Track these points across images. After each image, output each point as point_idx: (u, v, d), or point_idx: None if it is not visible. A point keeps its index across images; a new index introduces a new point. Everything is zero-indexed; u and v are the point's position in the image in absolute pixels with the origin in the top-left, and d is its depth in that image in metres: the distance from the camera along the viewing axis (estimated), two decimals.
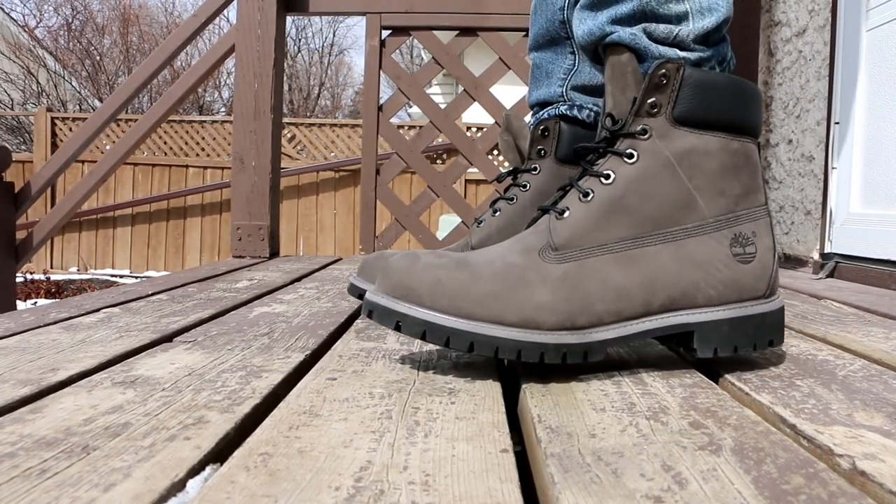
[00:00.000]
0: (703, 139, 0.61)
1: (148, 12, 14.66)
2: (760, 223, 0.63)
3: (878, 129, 1.52)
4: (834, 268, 1.58)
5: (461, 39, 2.08)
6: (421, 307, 0.57)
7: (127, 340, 0.73)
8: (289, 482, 0.37)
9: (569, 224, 0.60)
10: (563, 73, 0.94)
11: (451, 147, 5.03)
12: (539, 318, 0.57)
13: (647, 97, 0.60)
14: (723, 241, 0.61)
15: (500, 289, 0.57)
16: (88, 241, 6.42)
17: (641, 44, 0.63)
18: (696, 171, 0.61)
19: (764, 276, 0.63)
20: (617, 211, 0.60)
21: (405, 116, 10.31)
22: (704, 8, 0.63)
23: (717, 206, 0.61)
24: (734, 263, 0.61)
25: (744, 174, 0.62)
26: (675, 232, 0.60)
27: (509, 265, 0.59)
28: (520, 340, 0.56)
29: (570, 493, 0.36)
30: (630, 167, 0.60)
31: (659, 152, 0.60)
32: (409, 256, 0.61)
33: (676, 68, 0.59)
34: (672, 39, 0.62)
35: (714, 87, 0.61)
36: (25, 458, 0.40)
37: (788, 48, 1.93)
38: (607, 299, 0.58)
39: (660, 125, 0.60)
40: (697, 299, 0.61)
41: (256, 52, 1.88)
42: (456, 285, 0.57)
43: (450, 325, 0.56)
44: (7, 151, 2.01)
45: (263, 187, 1.88)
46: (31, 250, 2.03)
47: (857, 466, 0.40)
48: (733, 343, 0.61)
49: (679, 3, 0.63)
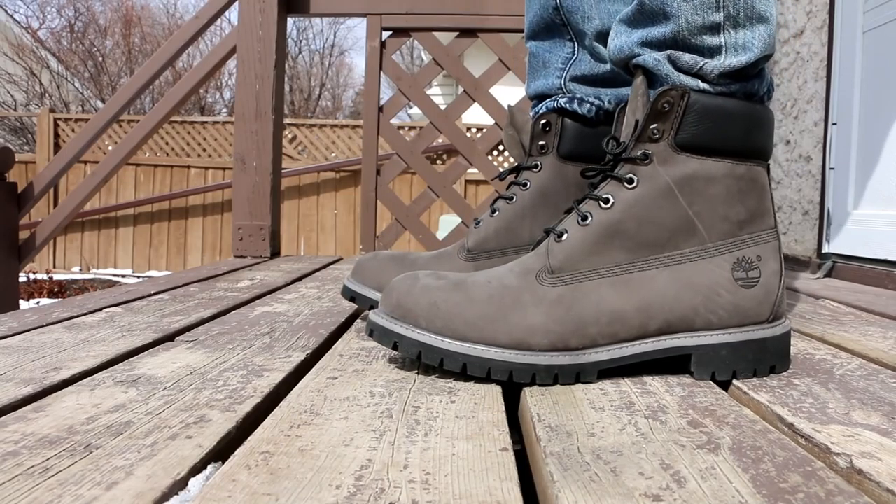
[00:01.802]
0: (705, 165, 0.60)
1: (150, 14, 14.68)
2: (767, 247, 0.62)
3: (876, 129, 1.53)
4: (831, 267, 1.59)
5: (461, 40, 2.08)
6: (417, 328, 0.58)
7: (129, 340, 0.73)
8: (290, 480, 0.37)
9: (565, 247, 0.60)
10: (562, 62, 0.91)
11: (451, 147, 5.03)
12: (531, 339, 0.57)
13: (649, 122, 0.60)
14: (724, 266, 0.60)
15: (493, 311, 0.58)
16: (91, 241, 6.43)
17: (664, 71, 0.61)
18: (698, 197, 0.60)
19: (768, 300, 0.61)
20: (614, 236, 0.60)
21: (406, 117, 10.32)
22: (740, 45, 0.60)
23: (718, 231, 0.60)
24: (736, 288, 0.60)
25: (750, 198, 0.61)
26: (674, 256, 0.60)
27: (505, 287, 0.59)
28: (511, 362, 0.57)
29: (570, 491, 0.36)
30: (629, 192, 0.60)
31: (659, 178, 0.60)
32: (410, 278, 0.62)
33: (681, 95, 0.59)
34: (696, 71, 0.61)
35: (721, 114, 0.60)
36: (28, 457, 0.40)
37: (786, 49, 1.93)
38: (601, 322, 0.58)
39: (661, 150, 0.60)
40: (696, 324, 0.60)
41: (258, 54, 1.88)
42: (450, 308, 0.58)
43: (443, 347, 0.57)
44: (10, 152, 2.02)
45: (265, 188, 1.88)
46: (34, 250, 2.03)
47: (854, 465, 0.40)
48: (732, 368, 0.60)
49: (715, 36, 0.60)
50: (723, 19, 0.60)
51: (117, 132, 6.53)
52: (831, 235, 1.64)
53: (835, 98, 1.66)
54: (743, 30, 0.60)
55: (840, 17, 1.65)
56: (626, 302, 0.59)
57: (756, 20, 0.60)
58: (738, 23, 0.60)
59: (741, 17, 0.60)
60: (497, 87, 2.07)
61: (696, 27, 0.60)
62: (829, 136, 1.67)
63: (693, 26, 0.60)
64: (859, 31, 1.59)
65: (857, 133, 1.59)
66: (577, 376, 0.58)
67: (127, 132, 4.76)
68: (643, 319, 0.59)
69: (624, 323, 0.59)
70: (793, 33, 1.89)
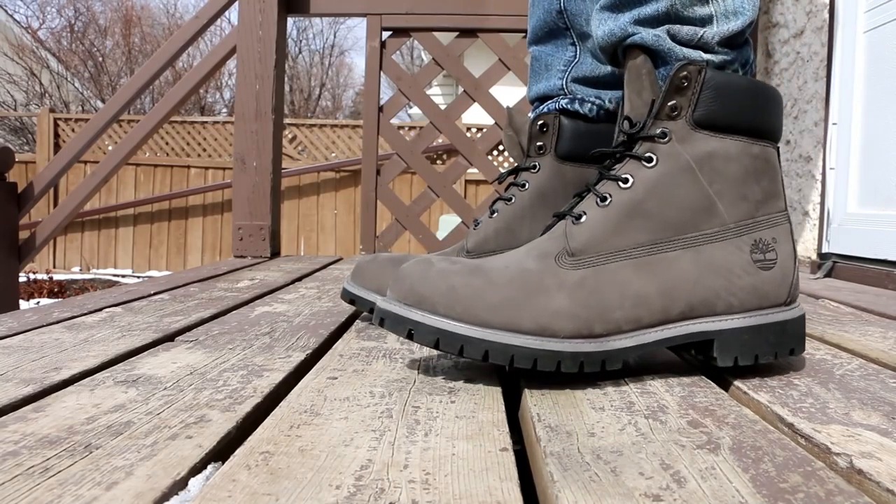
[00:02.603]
0: (723, 143, 0.59)
1: (150, 14, 14.68)
2: (781, 229, 0.61)
3: (876, 129, 1.53)
4: (831, 268, 1.59)
5: (461, 40, 2.08)
6: (434, 315, 0.55)
7: (129, 340, 0.73)
8: (290, 480, 0.37)
9: (586, 229, 0.58)
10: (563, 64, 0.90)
11: (451, 147, 5.03)
12: (555, 325, 0.55)
13: (667, 100, 0.59)
14: (743, 248, 0.60)
15: (516, 294, 0.55)
16: (91, 241, 6.43)
17: (665, 46, 0.61)
18: (717, 176, 0.59)
19: (785, 283, 0.61)
20: (636, 216, 0.58)
21: (405, 117, 10.32)
22: (730, 11, 0.61)
23: (738, 211, 0.60)
24: (755, 270, 0.59)
25: (764, 179, 0.61)
26: (695, 237, 0.59)
27: (524, 271, 0.57)
28: (536, 349, 0.54)
29: (570, 491, 0.36)
30: (649, 171, 0.59)
31: (679, 156, 0.59)
32: (423, 262, 0.59)
33: (698, 70, 0.58)
34: (696, 41, 0.61)
35: (736, 91, 0.59)
36: (28, 457, 0.40)
37: (786, 49, 1.93)
38: (625, 306, 0.56)
39: (680, 128, 0.59)
40: (717, 307, 0.59)
41: (258, 54, 1.88)
42: (470, 292, 0.55)
43: (463, 333, 0.54)
44: (10, 152, 2.02)
45: (265, 188, 1.88)
46: (34, 250, 2.03)
47: (854, 465, 0.40)
48: (754, 352, 0.59)
49: (704, 5, 0.61)
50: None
51: (117, 132, 6.53)
52: (831, 235, 1.64)
53: (835, 98, 1.66)
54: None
55: (840, 17, 1.65)
56: (649, 285, 0.57)
57: None
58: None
59: None
60: (497, 87, 2.07)
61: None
62: (829, 136, 1.67)
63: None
64: (859, 31, 1.59)
65: (857, 133, 1.59)
66: (603, 364, 0.56)
67: (127, 132, 4.75)
68: (666, 303, 0.57)
69: (648, 307, 0.57)
70: (793, 33, 1.89)
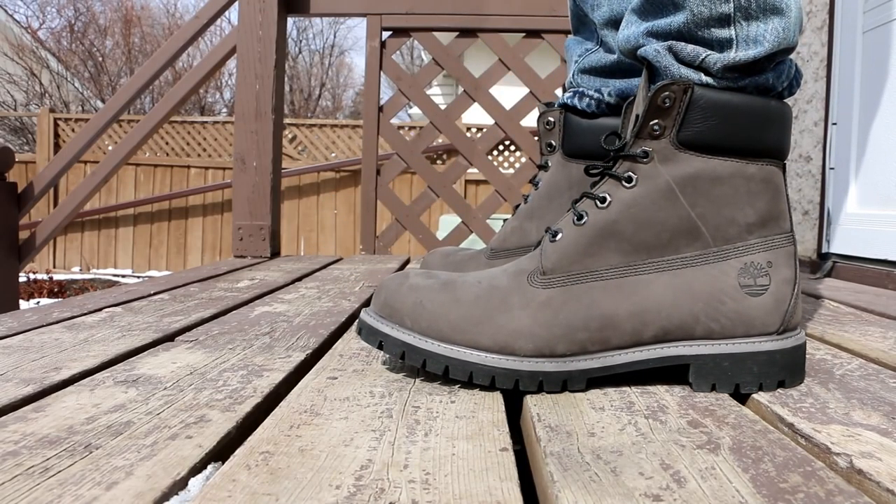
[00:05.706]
0: (710, 164, 0.56)
1: (150, 14, 14.68)
2: (780, 252, 0.58)
3: (875, 129, 1.53)
4: (831, 267, 1.59)
5: (461, 40, 2.08)
6: (402, 328, 0.57)
7: (129, 340, 0.73)
8: (290, 480, 0.37)
9: (558, 248, 0.57)
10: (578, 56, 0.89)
11: (451, 147, 5.03)
12: (515, 343, 0.55)
13: (649, 119, 0.56)
14: (729, 272, 0.56)
15: (478, 313, 0.56)
16: (91, 241, 6.43)
17: (663, 62, 0.58)
18: (701, 198, 0.56)
19: (778, 310, 0.57)
20: (610, 237, 0.57)
21: (405, 117, 10.32)
22: (751, 38, 0.56)
23: (724, 234, 0.57)
24: (742, 296, 0.56)
25: (761, 200, 0.57)
26: (673, 260, 0.57)
27: (493, 288, 0.57)
28: (493, 366, 0.55)
29: (570, 491, 0.36)
30: (627, 192, 0.57)
31: (659, 177, 0.56)
32: (400, 276, 0.60)
33: (683, 90, 0.55)
34: (698, 63, 0.57)
35: (730, 110, 0.56)
36: (28, 457, 0.40)
37: None
38: (591, 327, 0.55)
39: (662, 148, 0.56)
40: (696, 332, 0.56)
41: (258, 54, 1.88)
42: (435, 308, 0.56)
43: (425, 348, 0.56)
44: (10, 152, 2.02)
45: (265, 187, 1.88)
46: (34, 250, 2.03)
47: (854, 465, 0.40)
48: (734, 381, 0.56)
49: (725, 28, 0.57)
50: (733, 10, 0.56)
51: (117, 132, 6.53)
52: (831, 235, 1.64)
53: (835, 98, 1.66)
54: (756, 22, 0.56)
55: (840, 17, 1.65)
56: (618, 306, 0.56)
57: (770, 12, 0.56)
58: (749, 14, 0.56)
59: (753, 9, 0.56)
60: (497, 87, 2.07)
61: (703, 18, 0.57)
62: (829, 135, 1.67)
63: (700, 17, 0.57)
64: (859, 31, 1.59)
65: (857, 133, 1.59)
66: (564, 384, 0.55)
67: (127, 132, 4.75)
68: (637, 325, 0.56)
69: (616, 328, 0.56)
70: None
